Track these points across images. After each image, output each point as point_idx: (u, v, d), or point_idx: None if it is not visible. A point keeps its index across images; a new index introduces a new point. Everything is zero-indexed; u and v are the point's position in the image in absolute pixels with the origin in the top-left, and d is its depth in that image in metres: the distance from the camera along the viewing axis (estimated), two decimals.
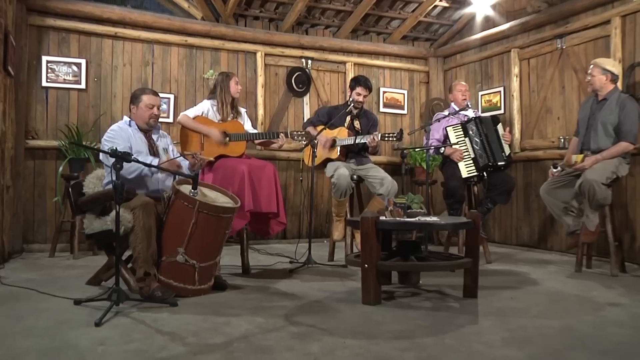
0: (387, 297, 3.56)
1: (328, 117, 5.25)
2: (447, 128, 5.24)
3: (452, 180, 5.07)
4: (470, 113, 5.42)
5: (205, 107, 4.74)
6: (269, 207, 4.39)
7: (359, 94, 5.15)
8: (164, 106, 6.13)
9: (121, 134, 3.76)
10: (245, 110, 5.02)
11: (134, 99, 3.89)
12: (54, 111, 5.75)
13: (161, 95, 6.02)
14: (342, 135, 5.13)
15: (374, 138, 4.91)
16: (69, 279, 4.11)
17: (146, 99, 3.86)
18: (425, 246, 4.25)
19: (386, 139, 4.91)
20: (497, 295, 3.64)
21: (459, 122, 5.28)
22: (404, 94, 7.45)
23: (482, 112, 6.69)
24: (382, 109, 7.29)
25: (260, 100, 6.60)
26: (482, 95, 6.82)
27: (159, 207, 3.67)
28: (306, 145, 4.94)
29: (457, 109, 5.43)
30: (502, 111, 6.51)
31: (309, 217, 5.01)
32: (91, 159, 5.46)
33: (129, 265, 3.58)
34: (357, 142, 5.02)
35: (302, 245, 5.36)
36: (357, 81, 5.19)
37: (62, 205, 5.31)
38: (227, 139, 4.63)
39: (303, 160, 5.27)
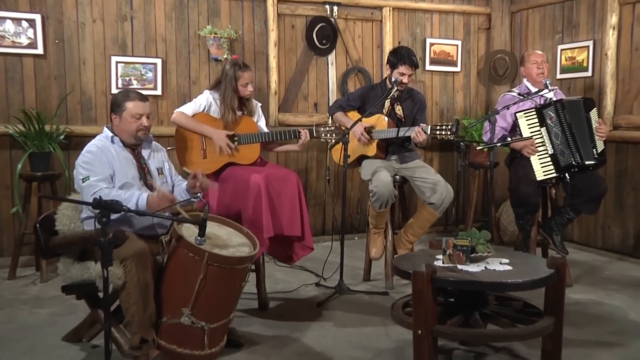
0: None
1: (361, 100, 5.20)
2: (517, 114, 5.07)
3: (524, 185, 4.99)
4: (550, 94, 5.19)
5: (207, 100, 4.70)
6: (292, 229, 4.44)
7: (402, 74, 5.02)
8: (150, 74, 6.11)
9: (101, 158, 3.72)
10: (259, 104, 5.00)
11: (116, 107, 3.84)
12: (3, 85, 5.70)
13: (146, 60, 6.15)
14: (380, 125, 5.09)
15: (418, 132, 4.80)
16: (39, 328, 4.20)
17: (131, 106, 3.80)
18: None
19: (437, 132, 4.79)
20: None
21: (533, 105, 5.10)
22: (457, 45, 7.36)
23: (561, 73, 6.62)
24: (428, 67, 7.23)
25: (272, 62, 6.56)
26: (562, 50, 6.69)
27: (155, 247, 3.71)
28: (336, 142, 4.91)
29: (531, 88, 5.27)
30: (589, 73, 6.40)
31: (341, 236, 5.04)
32: (58, 152, 5.47)
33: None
34: (399, 135, 4.99)
35: (330, 251, 5.45)
36: (399, 57, 5.04)
37: (22, 214, 5.38)
38: (236, 142, 4.64)
39: (331, 157, 5.26)
